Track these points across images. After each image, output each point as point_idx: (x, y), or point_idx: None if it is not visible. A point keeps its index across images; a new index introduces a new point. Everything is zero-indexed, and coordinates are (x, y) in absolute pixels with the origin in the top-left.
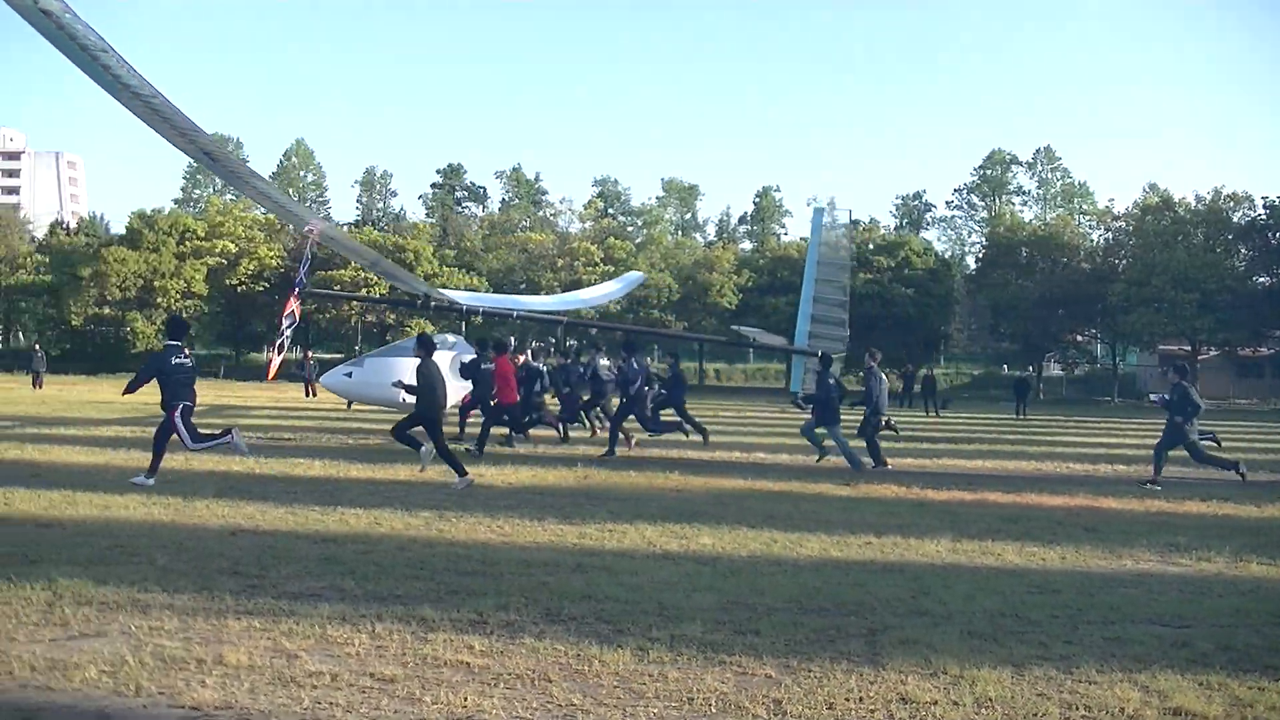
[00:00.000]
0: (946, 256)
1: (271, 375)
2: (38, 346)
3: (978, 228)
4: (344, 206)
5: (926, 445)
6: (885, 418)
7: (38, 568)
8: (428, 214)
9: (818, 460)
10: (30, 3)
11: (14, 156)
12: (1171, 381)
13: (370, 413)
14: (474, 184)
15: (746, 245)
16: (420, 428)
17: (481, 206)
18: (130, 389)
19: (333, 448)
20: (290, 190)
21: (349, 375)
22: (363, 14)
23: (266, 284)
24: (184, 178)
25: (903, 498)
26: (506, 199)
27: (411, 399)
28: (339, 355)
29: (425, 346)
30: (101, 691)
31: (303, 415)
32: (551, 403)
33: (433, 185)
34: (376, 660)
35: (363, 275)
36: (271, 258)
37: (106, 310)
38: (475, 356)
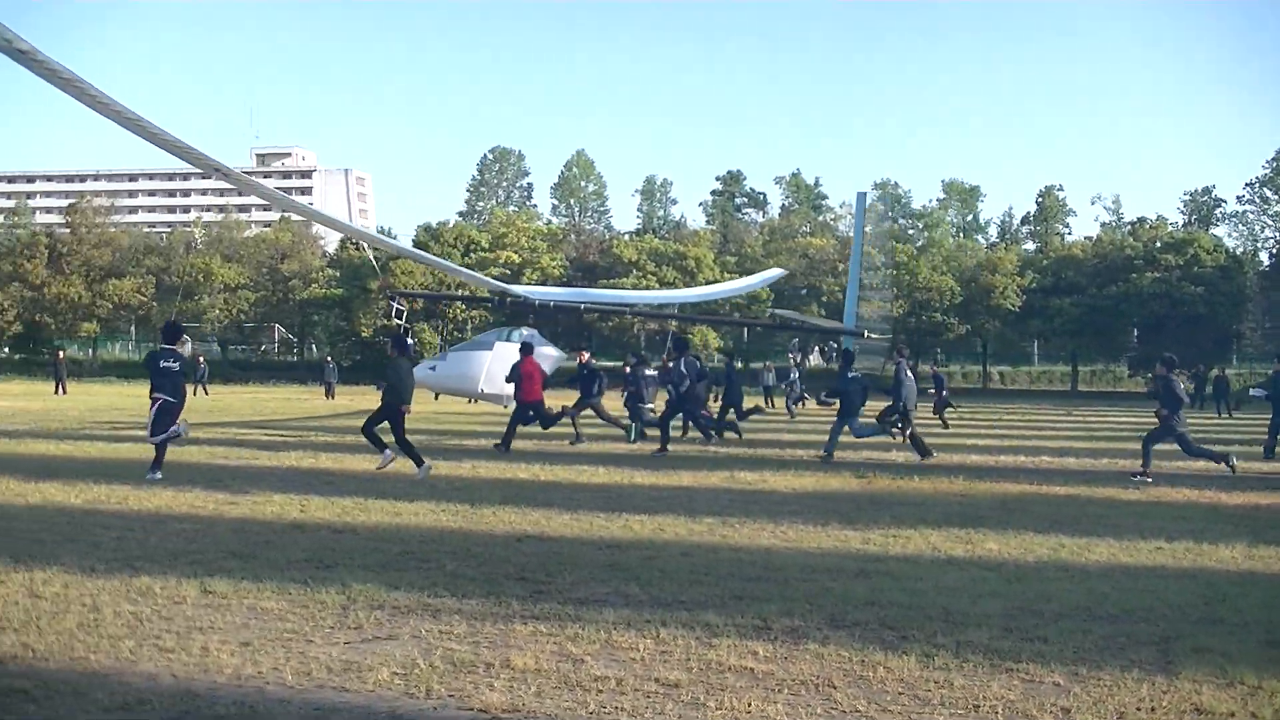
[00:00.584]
0: (1238, 253)
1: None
2: (329, 358)
3: (1271, 222)
4: (625, 215)
5: (1219, 448)
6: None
7: (333, 572)
8: (708, 221)
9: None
10: (4, 42)
11: (306, 174)
12: (1158, 375)
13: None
14: (754, 190)
15: (1029, 246)
16: (385, 423)
17: (761, 212)
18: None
19: (616, 454)
20: (571, 200)
21: (432, 369)
22: (641, 24)
23: None
24: (468, 190)
25: (1195, 502)
26: (786, 204)
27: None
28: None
29: (398, 345)
30: (393, 693)
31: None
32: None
33: (713, 192)
34: (661, 665)
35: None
36: (554, 267)
37: (395, 322)
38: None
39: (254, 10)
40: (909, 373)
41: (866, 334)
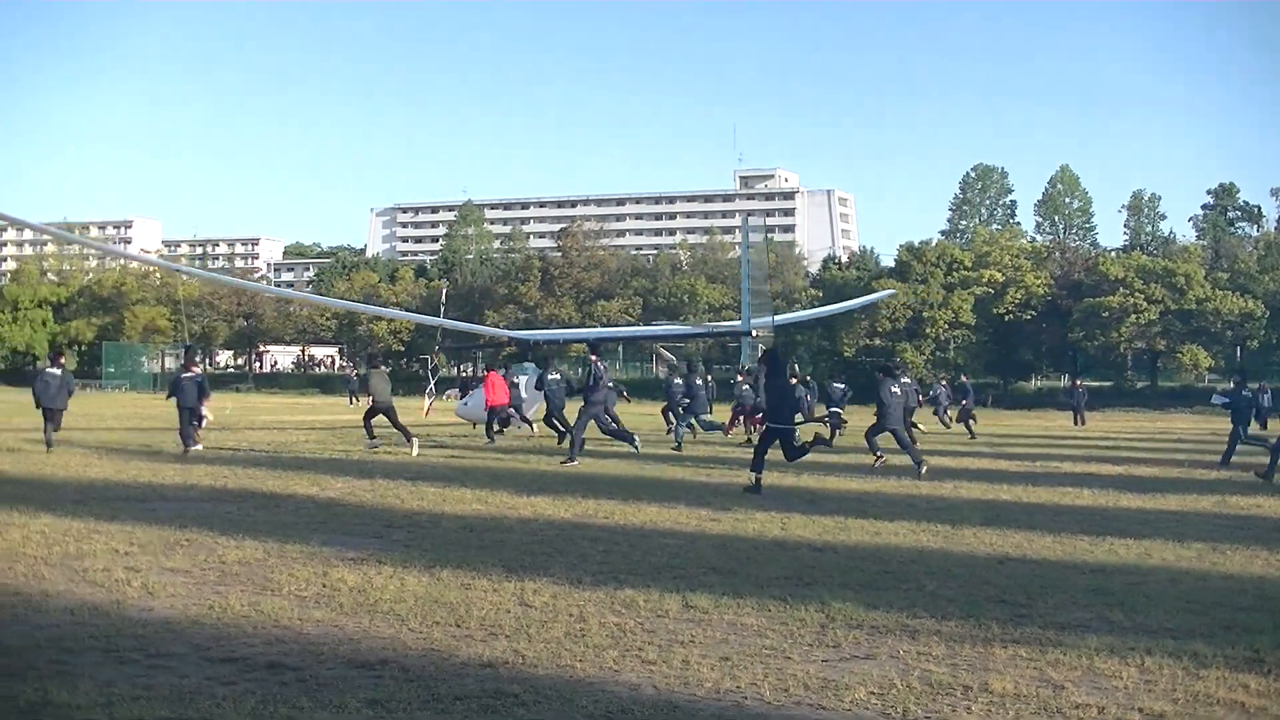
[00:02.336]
0: None
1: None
2: (809, 378)
3: None
4: (1111, 231)
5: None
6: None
7: (812, 590)
8: (1198, 236)
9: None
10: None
11: (789, 196)
12: (879, 380)
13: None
14: (1248, 203)
15: None
16: (379, 416)
17: (1256, 226)
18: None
19: (1101, 476)
20: (1055, 217)
21: (465, 404)
22: (1126, 33)
23: (1033, 312)
24: (950, 209)
25: None
26: None
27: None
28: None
29: (370, 361)
30: (870, 713)
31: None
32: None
33: (1204, 206)
34: (1145, 695)
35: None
36: (1039, 285)
37: (877, 341)
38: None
39: (736, 33)
40: (804, 385)
41: (755, 334)
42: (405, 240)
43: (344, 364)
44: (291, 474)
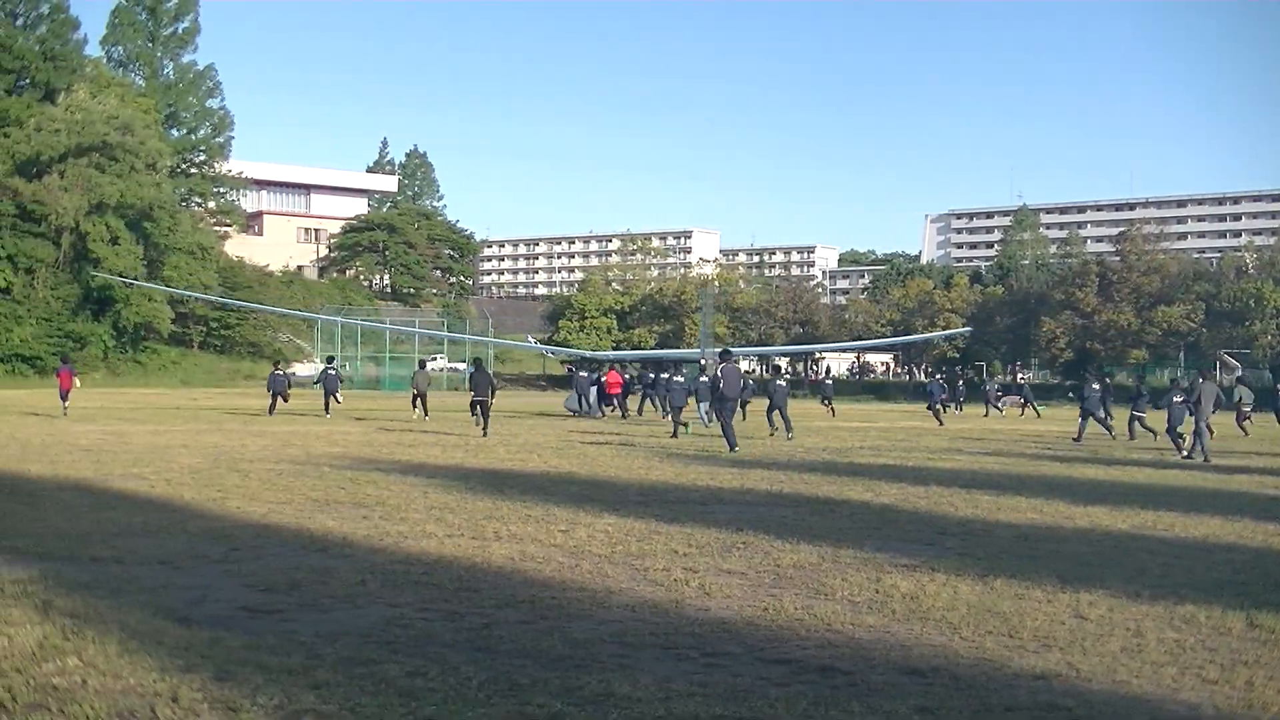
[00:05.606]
0: None
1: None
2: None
3: None
4: None
5: None
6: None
7: None
8: None
9: None
10: None
11: None
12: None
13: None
14: None
15: None
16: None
17: None
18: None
19: None
20: None
21: (566, 401)
22: None
23: None
24: None
25: None
26: None
27: None
28: None
29: (477, 365)
30: None
31: None
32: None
33: None
34: None
35: None
36: None
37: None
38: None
39: None
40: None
41: (703, 361)
42: (960, 246)
43: (897, 370)
44: (846, 480)
